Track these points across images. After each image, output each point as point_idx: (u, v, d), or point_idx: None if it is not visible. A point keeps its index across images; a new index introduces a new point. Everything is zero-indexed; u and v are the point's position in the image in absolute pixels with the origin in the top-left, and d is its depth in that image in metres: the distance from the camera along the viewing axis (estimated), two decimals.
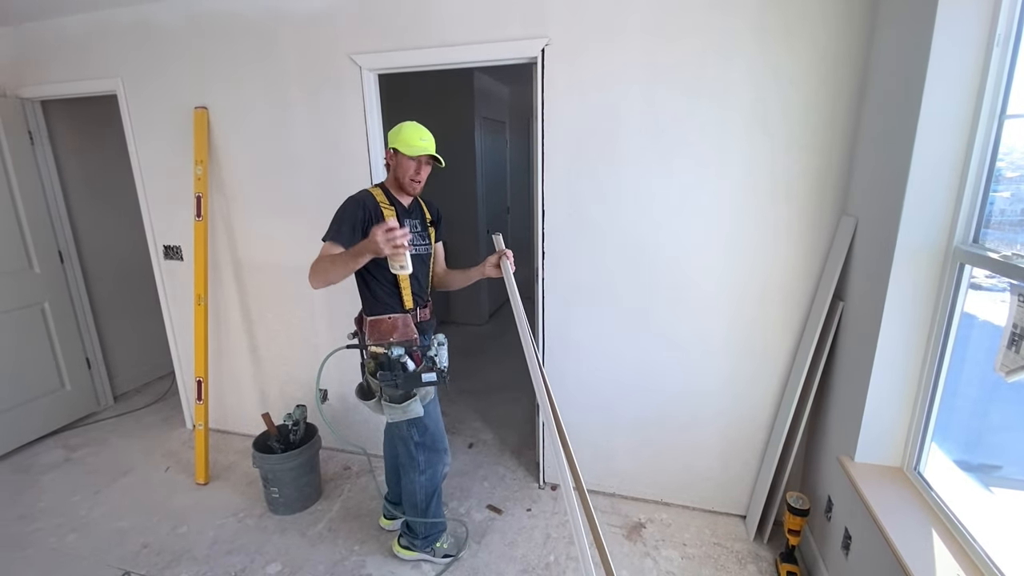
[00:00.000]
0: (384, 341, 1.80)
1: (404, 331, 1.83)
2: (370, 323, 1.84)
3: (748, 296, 2.11)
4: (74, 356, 3.29)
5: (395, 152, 1.81)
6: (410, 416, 1.82)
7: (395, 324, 1.83)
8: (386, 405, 1.82)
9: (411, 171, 1.81)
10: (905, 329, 1.56)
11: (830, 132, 1.88)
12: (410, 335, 1.83)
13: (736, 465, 2.30)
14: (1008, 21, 1.29)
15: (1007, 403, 1.54)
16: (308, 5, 2.33)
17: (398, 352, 1.74)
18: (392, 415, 1.82)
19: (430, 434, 1.94)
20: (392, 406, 1.81)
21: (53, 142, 3.17)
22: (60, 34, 2.75)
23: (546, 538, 2.25)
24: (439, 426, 2.00)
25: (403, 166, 1.80)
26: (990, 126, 1.35)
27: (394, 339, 1.81)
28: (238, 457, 2.91)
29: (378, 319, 1.84)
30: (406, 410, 1.81)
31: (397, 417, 1.83)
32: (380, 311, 1.85)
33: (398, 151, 1.79)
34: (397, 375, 1.73)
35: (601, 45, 2.02)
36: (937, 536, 1.37)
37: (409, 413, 1.81)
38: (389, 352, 1.75)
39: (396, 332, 1.82)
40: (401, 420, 1.84)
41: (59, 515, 2.45)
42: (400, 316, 1.84)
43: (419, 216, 1.95)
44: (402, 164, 1.80)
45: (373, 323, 1.84)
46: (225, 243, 2.82)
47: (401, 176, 1.83)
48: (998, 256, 1.27)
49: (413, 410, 1.82)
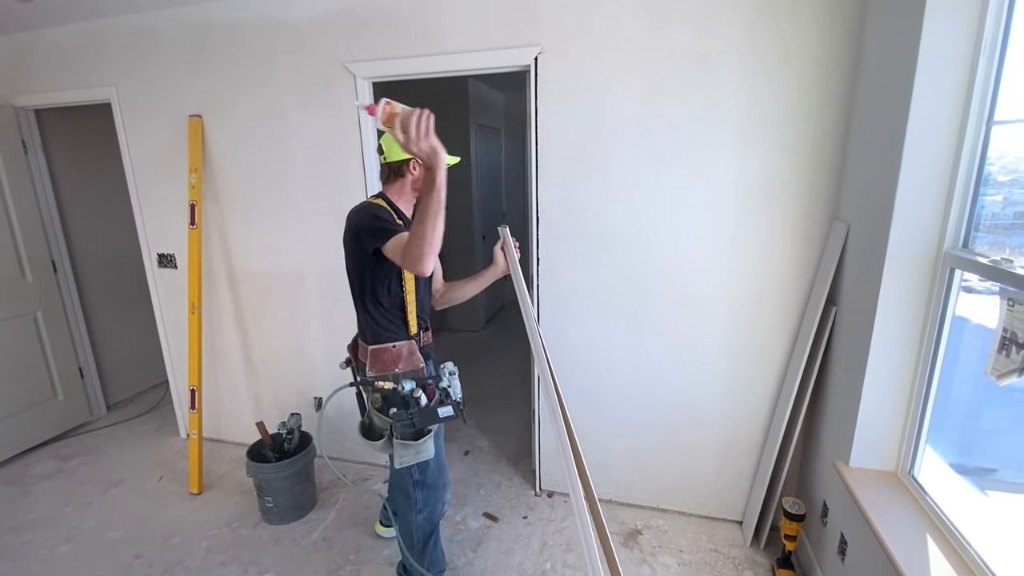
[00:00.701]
0: (388, 372, 1.65)
1: (409, 359, 1.69)
2: (372, 353, 1.68)
3: (742, 301, 2.11)
4: (67, 365, 3.27)
5: (405, 162, 1.65)
6: (423, 457, 1.60)
7: (400, 352, 1.68)
8: (398, 444, 1.55)
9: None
10: (898, 333, 1.56)
11: (821, 138, 1.90)
12: (416, 364, 1.69)
13: (732, 470, 2.30)
14: (994, 28, 1.31)
15: (1001, 406, 1.55)
16: (302, 14, 2.34)
17: (409, 387, 1.56)
18: (403, 457, 1.56)
19: (431, 471, 1.76)
20: (405, 445, 1.55)
21: (47, 150, 3.16)
22: (54, 43, 2.76)
23: (543, 545, 2.24)
24: (441, 460, 1.83)
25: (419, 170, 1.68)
26: (978, 132, 1.37)
27: (399, 369, 1.66)
28: (232, 466, 2.89)
29: (381, 348, 1.67)
30: (419, 450, 1.58)
31: (409, 460, 1.57)
32: (383, 339, 1.68)
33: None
34: (413, 413, 1.52)
35: (593, 53, 2.03)
36: (932, 541, 1.37)
37: (422, 454, 1.59)
38: (400, 387, 1.56)
39: (401, 361, 1.67)
40: (412, 463, 1.61)
41: (51, 526, 2.43)
42: (404, 343, 1.69)
43: None
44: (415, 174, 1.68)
45: (376, 353, 1.67)
46: (219, 251, 2.81)
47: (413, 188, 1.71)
48: (987, 261, 1.28)
49: (426, 450, 1.60)
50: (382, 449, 1.59)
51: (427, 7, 2.17)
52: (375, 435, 1.62)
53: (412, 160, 1.64)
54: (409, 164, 1.66)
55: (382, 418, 1.57)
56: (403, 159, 1.64)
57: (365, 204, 1.66)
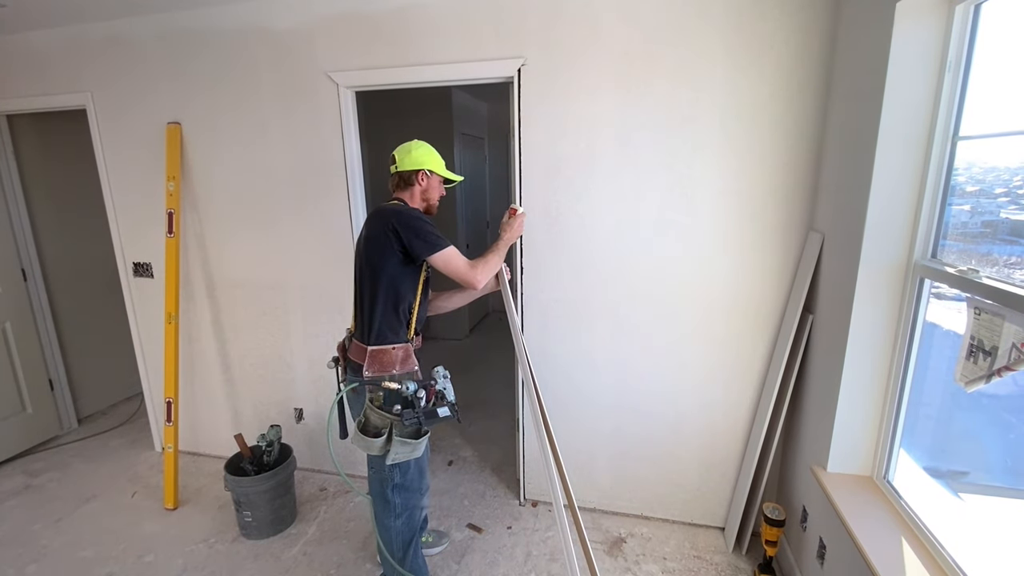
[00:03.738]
0: (386, 373, 1.70)
1: (406, 362, 1.74)
2: (372, 353, 1.71)
3: (722, 310, 2.15)
4: (36, 378, 3.17)
5: (430, 173, 1.80)
6: (416, 455, 1.70)
7: (397, 354, 1.73)
8: (398, 442, 1.63)
9: (441, 192, 1.85)
10: (871, 341, 1.61)
11: (796, 152, 1.95)
12: (411, 366, 1.75)
13: (714, 477, 2.33)
14: (958, 48, 1.37)
15: (971, 410, 1.59)
16: (285, 23, 2.33)
17: (413, 387, 1.62)
18: (399, 454, 1.65)
19: (411, 473, 1.79)
20: (406, 442, 1.64)
21: (19, 157, 3.08)
22: (28, 48, 2.70)
23: (527, 556, 2.23)
24: (422, 463, 1.86)
25: (437, 188, 1.83)
26: (944, 147, 1.42)
27: (396, 371, 1.71)
28: (209, 480, 2.82)
29: (382, 349, 1.71)
30: (415, 447, 1.67)
31: (403, 457, 1.66)
32: (384, 340, 1.72)
33: (434, 172, 1.79)
34: (419, 412, 1.61)
35: (576, 66, 2.06)
36: (907, 544, 1.40)
37: (417, 451, 1.69)
38: (404, 387, 1.62)
39: (397, 363, 1.72)
40: (408, 459, 1.70)
41: (18, 545, 2.34)
42: (403, 346, 1.74)
43: None
44: (435, 186, 1.82)
45: (375, 353, 1.71)
46: (198, 260, 2.76)
47: (433, 197, 1.84)
48: (954, 271, 1.33)
49: (420, 447, 1.69)
50: (379, 448, 1.65)
51: (411, 18, 2.18)
52: (370, 432, 1.66)
53: (421, 172, 1.78)
54: (418, 175, 1.78)
55: (382, 416, 1.64)
56: (413, 169, 1.77)
57: (406, 209, 1.73)
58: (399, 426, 1.62)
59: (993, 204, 1.44)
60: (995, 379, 1.15)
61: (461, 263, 1.71)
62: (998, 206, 1.43)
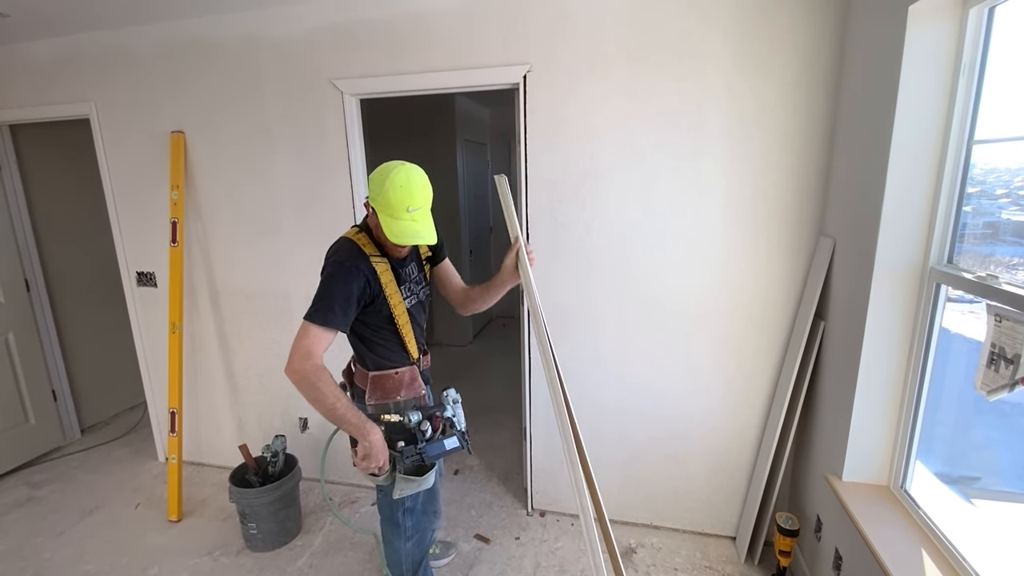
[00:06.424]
0: (390, 400, 1.57)
1: (411, 386, 1.60)
2: (373, 380, 1.57)
3: (731, 317, 2.12)
4: (39, 388, 3.15)
5: (374, 212, 1.44)
6: (424, 488, 1.55)
7: (402, 379, 1.58)
8: (400, 479, 1.49)
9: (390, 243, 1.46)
10: (887, 347, 1.58)
11: (805, 155, 1.93)
12: (418, 391, 1.61)
13: (725, 486, 2.29)
14: (972, 50, 1.35)
15: (985, 414, 1.57)
16: (288, 31, 2.33)
17: (416, 418, 1.48)
18: (404, 490, 1.51)
19: (422, 498, 1.65)
20: (408, 480, 1.50)
21: (22, 167, 3.08)
22: (31, 58, 2.70)
23: (536, 567, 2.20)
24: (435, 487, 1.72)
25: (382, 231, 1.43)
26: (959, 151, 1.40)
27: (401, 396, 1.58)
28: (213, 491, 2.80)
29: (383, 375, 1.57)
30: (422, 483, 1.53)
31: (410, 491, 1.52)
32: (384, 365, 1.58)
33: (377, 213, 1.42)
34: (422, 448, 1.46)
35: (582, 72, 2.05)
36: (926, 555, 1.37)
37: (424, 485, 1.54)
38: (406, 419, 1.48)
39: (403, 388, 1.58)
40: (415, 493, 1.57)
41: (21, 558, 2.31)
42: (407, 369, 1.59)
43: (415, 258, 1.66)
44: (379, 226, 1.44)
45: (377, 379, 1.57)
46: (202, 269, 2.75)
47: (380, 239, 1.48)
48: (973, 277, 1.31)
49: (427, 481, 1.55)
50: (383, 482, 1.53)
51: (416, 24, 2.17)
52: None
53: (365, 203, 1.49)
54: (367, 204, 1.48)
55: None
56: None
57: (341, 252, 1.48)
58: (401, 462, 1.47)
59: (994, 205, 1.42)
60: (1019, 387, 1.12)
61: (301, 343, 1.37)
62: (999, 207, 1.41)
